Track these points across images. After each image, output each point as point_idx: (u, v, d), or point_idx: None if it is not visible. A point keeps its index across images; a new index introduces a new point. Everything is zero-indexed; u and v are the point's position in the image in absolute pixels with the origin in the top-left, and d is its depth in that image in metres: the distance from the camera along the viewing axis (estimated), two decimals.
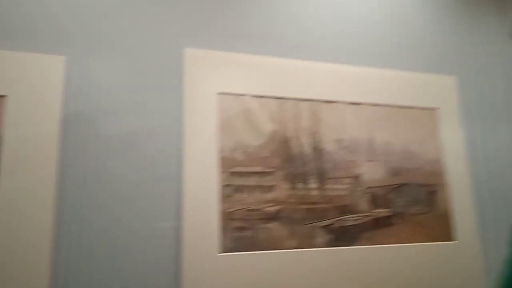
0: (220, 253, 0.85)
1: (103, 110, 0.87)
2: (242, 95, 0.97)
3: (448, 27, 1.25)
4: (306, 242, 0.94)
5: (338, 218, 0.99)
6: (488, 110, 0.96)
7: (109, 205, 0.83)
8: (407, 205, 1.07)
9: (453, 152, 1.15)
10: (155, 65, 0.93)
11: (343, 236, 0.98)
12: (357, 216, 1.01)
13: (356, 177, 1.04)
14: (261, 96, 0.98)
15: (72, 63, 0.87)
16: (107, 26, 0.92)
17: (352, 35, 1.14)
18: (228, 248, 0.87)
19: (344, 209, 1.00)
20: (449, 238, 1.08)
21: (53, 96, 0.82)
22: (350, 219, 1.00)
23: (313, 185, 0.98)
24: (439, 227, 1.08)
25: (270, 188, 0.94)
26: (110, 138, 0.86)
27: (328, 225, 0.98)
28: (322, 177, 1.00)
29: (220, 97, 0.94)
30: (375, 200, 1.04)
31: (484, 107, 0.90)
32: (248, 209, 0.91)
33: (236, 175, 0.92)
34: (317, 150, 1.01)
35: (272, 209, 0.93)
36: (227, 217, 0.89)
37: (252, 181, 0.93)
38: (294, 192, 0.96)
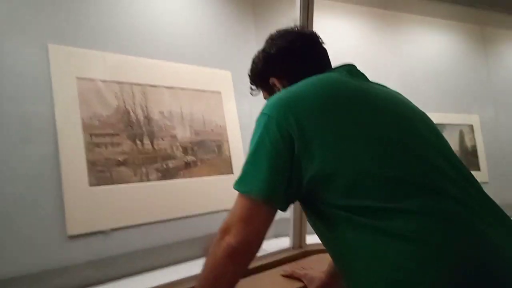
0: (90, 186, 1.27)
1: None
2: (93, 79, 1.37)
3: (228, 38, 1.91)
4: (144, 178, 1.43)
5: (164, 163, 1.52)
6: (253, 93, 1.59)
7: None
8: (205, 153, 1.68)
9: (231, 120, 1.82)
10: (22, 60, 1.23)
11: (167, 174, 1.52)
12: (175, 161, 1.56)
13: (173, 136, 1.58)
14: (107, 81, 1.40)
15: None
16: None
17: (172, 42, 1.65)
18: (94, 183, 1.29)
19: (167, 157, 1.53)
20: (230, 172, 1.74)
21: None
22: (170, 163, 1.54)
23: (146, 142, 1.48)
24: (224, 166, 1.74)
25: (118, 145, 1.39)
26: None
27: (158, 167, 1.49)
28: (152, 136, 1.50)
29: (78, 81, 1.32)
30: (186, 151, 1.61)
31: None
32: (105, 158, 1.34)
33: (94, 135, 1.33)
34: (147, 118, 1.50)
35: (121, 158, 1.38)
36: (92, 164, 1.30)
37: (106, 140, 1.36)
38: (135, 147, 1.43)
